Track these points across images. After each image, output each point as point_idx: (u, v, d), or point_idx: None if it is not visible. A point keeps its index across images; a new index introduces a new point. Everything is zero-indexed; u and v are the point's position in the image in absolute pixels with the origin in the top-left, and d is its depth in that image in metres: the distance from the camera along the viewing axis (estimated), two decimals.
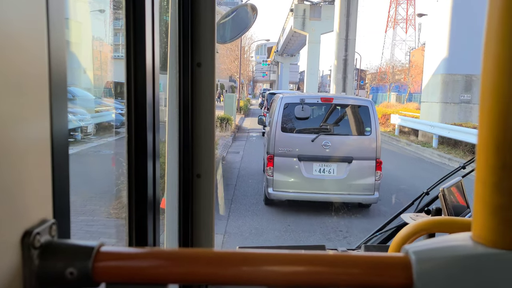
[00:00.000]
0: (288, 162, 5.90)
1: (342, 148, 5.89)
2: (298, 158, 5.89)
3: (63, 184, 0.45)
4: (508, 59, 0.33)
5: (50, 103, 0.42)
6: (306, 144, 5.88)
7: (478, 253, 0.35)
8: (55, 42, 0.42)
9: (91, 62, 5.73)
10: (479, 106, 0.37)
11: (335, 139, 5.95)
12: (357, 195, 5.97)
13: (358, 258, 0.37)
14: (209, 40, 0.94)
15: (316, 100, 6.24)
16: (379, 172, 5.88)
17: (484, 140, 0.36)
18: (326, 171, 5.90)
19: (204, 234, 0.98)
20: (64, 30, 0.44)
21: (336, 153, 5.86)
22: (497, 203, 0.35)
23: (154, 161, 0.75)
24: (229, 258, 0.38)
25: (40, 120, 0.41)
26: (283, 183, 5.94)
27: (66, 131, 0.46)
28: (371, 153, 5.87)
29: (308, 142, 5.87)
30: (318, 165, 5.89)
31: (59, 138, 0.44)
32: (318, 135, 5.88)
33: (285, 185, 5.95)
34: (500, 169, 0.35)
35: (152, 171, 0.74)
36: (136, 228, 0.72)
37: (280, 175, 5.91)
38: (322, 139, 5.88)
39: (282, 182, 5.93)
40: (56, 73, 0.43)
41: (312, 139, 5.87)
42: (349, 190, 5.91)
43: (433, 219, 0.83)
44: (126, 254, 0.40)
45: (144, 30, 0.69)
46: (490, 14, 0.35)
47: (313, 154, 5.88)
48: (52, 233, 0.41)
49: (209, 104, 0.95)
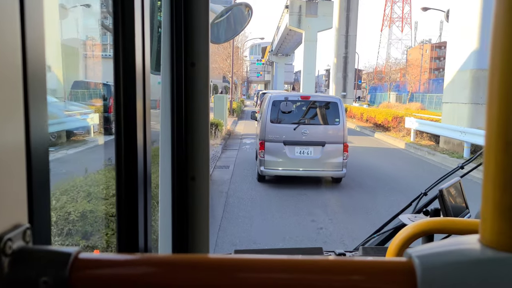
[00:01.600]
0: (275, 146, 7.62)
1: (317, 134, 7.63)
2: (283, 143, 7.60)
3: (41, 187, 0.42)
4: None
5: (25, 102, 0.40)
6: (289, 132, 7.60)
7: (488, 257, 0.33)
8: (32, 39, 0.40)
9: (59, 60, 5.13)
10: (486, 104, 0.34)
11: (312, 128, 7.68)
12: (329, 171, 7.75)
13: (359, 264, 0.35)
14: (203, 39, 0.91)
15: (297, 98, 7.98)
16: (346, 153, 7.62)
17: (492, 139, 0.33)
18: (305, 152, 7.64)
19: (199, 239, 0.94)
20: (43, 26, 0.42)
21: (312, 138, 7.60)
22: (508, 205, 0.32)
23: (145, 163, 0.72)
24: (224, 265, 0.35)
25: (14, 120, 0.39)
26: (272, 163, 7.66)
27: (45, 131, 0.43)
28: (339, 139, 7.61)
29: (291, 130, 7.60)
30: (299, 148, 7.62)
31: (37, 138, 0.41)
32: (299, 125, 7.61)
33: (273, 164, 7.68)
34: (510, 168, 0.32)
35: (143, 174, 0.72)
36: (126, 233, 0.69)
37: (270, 156, 7.64)
38: (302, 128, 7.61)
39: (271, 161, 7.66)
40: (33, 70, 0.41)
41: (294, 128, 7.59)
42: (323, 167, 7.67)
43: (432, 220, 0.80)
44: (107, 261, 0.36)
45: (133, 29, 0.67)
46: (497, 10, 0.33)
47: (295, 139, 7.60)
48: (27, 239, 0.38)
49: (203, 104, 0.92)
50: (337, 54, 30.16)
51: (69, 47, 6.26)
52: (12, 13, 0.38)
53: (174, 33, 0.90)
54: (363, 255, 1.60)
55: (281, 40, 58.69)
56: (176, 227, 0.94)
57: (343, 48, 30.06)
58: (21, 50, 0.39)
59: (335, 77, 30.14)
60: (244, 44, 43.43)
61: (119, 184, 0.70)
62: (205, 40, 0.91)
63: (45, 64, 0.43)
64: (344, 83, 30.15)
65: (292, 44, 61.86)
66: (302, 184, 7.91)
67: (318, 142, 7.59)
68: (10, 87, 0.38)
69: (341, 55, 30.25)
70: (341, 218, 6.01)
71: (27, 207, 0.40)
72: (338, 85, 30.51)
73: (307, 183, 8.02)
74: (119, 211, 0.70)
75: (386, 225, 1.91)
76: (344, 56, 30.22)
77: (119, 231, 0.70)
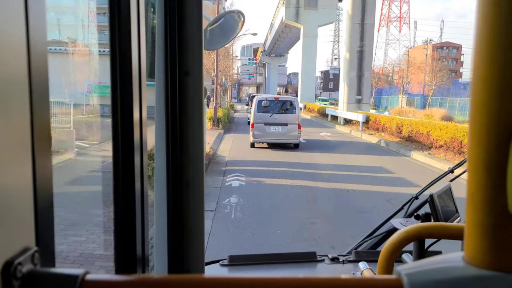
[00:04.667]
0: (260, 126, 13.76)
1: (282, 119, 13.84)
2: (264, 124, 13.75)
3: (47, 208, 0.42)
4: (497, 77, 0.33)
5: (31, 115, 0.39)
6: (267, 117, 13.76)
7: (471, 275, 0.35)
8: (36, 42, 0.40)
9: None
10: (468, 124, 0.36)
11: (280, 115, 13.87)
12: (290, 140, 13.98)
13: (350, 281, 0.37)
14: (197, 47, 0.91)
15: (272, 98, 14.31)
16: (299, 129, 13.81)
17: (474, 160, 0.35)
18: (276, 129, 13.83)
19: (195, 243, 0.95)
20: (46, 29, 0.42)
21: (280, 121, 13.79)
22: (489, 224, 0.34)
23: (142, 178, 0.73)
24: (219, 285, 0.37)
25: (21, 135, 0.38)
26: (258, 135, 13.82)
27: (49, 147, 0.43)
28: (295, 121, 13.80)
29: (268, 116, 13.76)
30: (273, 127, 13.79)
31: (42, 156, 0.41)
32: (273, 114, 13.77)
33: (258, 136, 13.83)
34: (491, 189, 0.34)
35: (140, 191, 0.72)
36: (123, 254, 0.70)
37: (256, 131, 13.78)
38: (275, 115, 13.79)
39: (257, 134, 13.81)
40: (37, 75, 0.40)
41: (270, 115, 13.75)
42: (286, 137, 13.89)
43: (423, 225, 0.83)
44: (114, 282, 0.38)
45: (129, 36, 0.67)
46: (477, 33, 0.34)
47: (270, 122, 13.76)
48: (35, 261, 0.39)
49: (197, 112, 0.92)
50: (350, 47, 23.52)
51: None
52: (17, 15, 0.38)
53: (167, 42, 0.90)
54: (356, 259, 1.67)
55: (274, 39, 54.14)
56: (171, 232, 0.94)
57: (357, 40, 23.48)
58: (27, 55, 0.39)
59: (347, 77, 23.58)
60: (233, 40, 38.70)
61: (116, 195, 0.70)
62: (198, 49, 0.91)
63: (48, 73, 0.42)
64: (358, 85, 23.63)
65: (286, 42, 57.27)
66: (276, 148, 14.10)
67: (283, 123, 13.84)
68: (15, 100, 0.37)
69: (354, 49, 23.58)
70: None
71: (34, 230, 0.40)
72: (351, 87, 23.74)
73: (279, 147, 14.21)
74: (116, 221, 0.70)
75: (378, 229, 1.96)
76: (359, 50, 23.60)
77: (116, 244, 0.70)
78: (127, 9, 0.67)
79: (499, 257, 0.34)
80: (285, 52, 67.70)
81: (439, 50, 63.63)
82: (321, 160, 11.61)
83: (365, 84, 23.79)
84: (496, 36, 0.33)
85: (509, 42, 0.32)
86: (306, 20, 35.36)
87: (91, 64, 9.90)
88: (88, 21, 9.54)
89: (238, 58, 54.02)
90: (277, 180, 8.59)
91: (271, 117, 13.75)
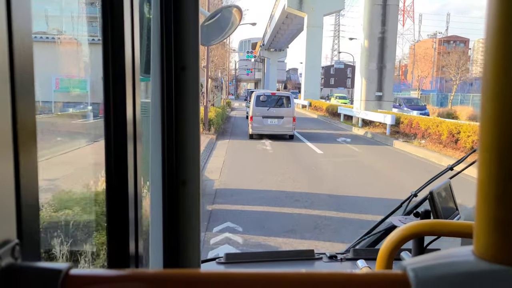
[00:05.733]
0: (258, 118, 14.28)
1: (278, 112, 14.36)
2: (262, 116, 14.27)
3: (30, 199, 0.41)
4: (509, 66, 0.32)
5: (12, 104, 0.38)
6: (265, 111, 14.27)
7: (481, 269, 0.33)
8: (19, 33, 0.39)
9: None
10: (480, 115, 0.35)
11: (276, 109, 14.38)
12: (285, 131, 14.52)
13: (353, 277, 0.35)
14: (193, 43, 0.90)
15: (269, 93, 14.90)
16: (294, 122, 14.38)
17: (486, 151, 0.34)
18: (273, 122, 14.35)
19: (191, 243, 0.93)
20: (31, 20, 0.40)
21: (277, 114, 14.32)
22: (501, 217, 0.33)
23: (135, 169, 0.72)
24: (214, 281, 0.35)
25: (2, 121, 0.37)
26: (256, 127, 14.35)
27: (34, 137, 0.41)
28: (290, 114, 14.36)
29: (265, 110, 14.28)
30: (270, 119, 14.30)
31: (26, 145, 0.40)
32: (270, 107, 14.29)
33: (257, 128, 14.36)
34: (504, 181, 0.33)
35: (134, 183, 0.71)
36: (117, 245, 0.69)
37: (255, 124, 14.30)
38: (272, 109, 14.30)
39: (256, 126, 14.33)
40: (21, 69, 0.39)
41: (267, 109, 14.27)
42: (282, 129, 14.43)
43: (422, 222, 0.82)
44: (99, 277, 0.36)
45: (123, 32, 0.66)
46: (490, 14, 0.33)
47: (268, 115, 14.27)
48: (16, 255, 0.37)
49: (193, 108, 0.92)
50: (369, 34, 19.17)
51: None
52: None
53: (163, 38, 0.89)
54: (354, 257, 1.67)
55: (274, 31, 50.17)
56: (167, 231, 0.93)
57: (378, 25, 19.15)
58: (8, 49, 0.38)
59: (365, 70, 19.44)
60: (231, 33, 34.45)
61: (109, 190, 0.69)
62: (195, 44, 0.90)
63: (33, 63, 0.41)
64: (379, 79, 19.36)
65: (287, 36, 53.68)
66: (273, 138, 14.57)
67: (279, 116, 14.40)
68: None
69: (375, 36, 19.21)
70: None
71: (15, 222, 0.39)
72: (370, 81, 19.48)
73: (275, 138, 14.71)
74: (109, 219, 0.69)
75: (376, 226, 1.93)
76: (380, 37, 19.27)
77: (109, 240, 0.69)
78: (120, 4, 0.66)
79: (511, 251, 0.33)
80: (285, 46, 63.74)
81: (445, 44, 60.40)
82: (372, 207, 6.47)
83: (387, 78, 19.46)
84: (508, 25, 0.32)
85: None
86: (311, 8, 31.80)
87: (58, 55, 8.83)
88: None
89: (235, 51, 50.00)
90: (302, 243, 4.82)
91: (268, 110, 14.38)
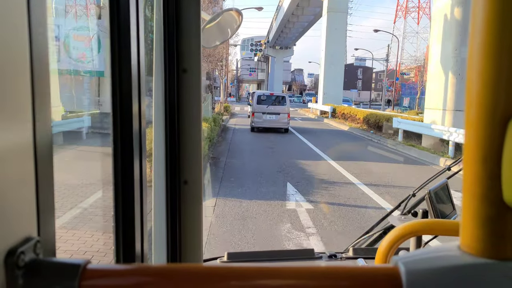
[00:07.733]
0: (259, 114, 17.92)
1: (275, 109, 17.99)
2: (261, 113, 17.89)
3: (48, 198, 0.43)
4: (492, 67, 0.33)
5: (32, 109, 0.40)
6: (264, 108, 17.90)
7: (467, 263, 0.35)
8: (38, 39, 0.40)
9: None
10: (464, 114, 0.35)
11: (274, 106, 18.01)
12: (281, 125, 18.14)
13: (348, 270, 0.37)
14: (195, 46, 0.91)
15: (268, 93, 18.62)
16: (288, 118, 18.04)
17: (470, 150, 0.35)
18: (271, 117, 17.96)
19: (193, 241, 0.95)
20: (47, 26, 0.42)
21: (274, 111, 17.94)
22: (486, 215, 0.34)
23: (141, 171, 0.73)
24: (217, 274, 0.37)
25: (23, 128, 0.39)
26: (257, 121, 17.98)
27: (50, 141, 0.43)
28: (285, 111, 18.01)
29: (265, 107, 17.92)
30: (268, 115, 17.93)
31: (43, 149, 0.42)
32: (269, 105, 17.93)
33: (257, 122, 18.00)
34: (486, 179, 0.34)
35: (139, 183, 0.73)
36: (123, 243, 0.71)
37: (255, 118, 17.96)
38: (270, 106, 17.93)
39: (256, 121, 17.97)
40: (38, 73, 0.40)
41: (266, 106, 17.90)
42: (278, 124, 18.05)
43: (420, 222, 0.83)
44: (113, 271, 0.38)
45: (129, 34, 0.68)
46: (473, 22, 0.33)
47: (267, 111, 17.89)
48: (37, 251, 0.39)
49: (195, 110, 0.93)
50: None
51: None
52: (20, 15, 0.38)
53: (166, 41, 0.90)
54: (353, 256, 1.70)
55: (282, 25, 44.62)
56: (170, 230, 0.95)
57: None
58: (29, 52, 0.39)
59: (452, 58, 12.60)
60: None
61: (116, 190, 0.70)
62: (196, 47, 0.91)
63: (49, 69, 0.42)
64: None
65: (295, 30, 47.75)
66: (270, 131, 18.10)
67: (276, 112, 17.97)
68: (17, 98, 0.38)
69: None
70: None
71: (36, 219, 0.41)
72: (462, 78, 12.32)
73: (272, 131, 18.21)
74: (117, 217, 0.71)
75: (375, 226, 1.97)
76: None
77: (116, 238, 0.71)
78: (126, 8, 0.67)
79: (495, 246, 0.35)
80: (292, 43, 57.75)
81: None
82: None
83: None
84: (491, 26, 0.33)
85: (503, 33, 0.32)
86: None
87: None
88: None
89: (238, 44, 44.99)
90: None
91: (267, 108, 17.94)
